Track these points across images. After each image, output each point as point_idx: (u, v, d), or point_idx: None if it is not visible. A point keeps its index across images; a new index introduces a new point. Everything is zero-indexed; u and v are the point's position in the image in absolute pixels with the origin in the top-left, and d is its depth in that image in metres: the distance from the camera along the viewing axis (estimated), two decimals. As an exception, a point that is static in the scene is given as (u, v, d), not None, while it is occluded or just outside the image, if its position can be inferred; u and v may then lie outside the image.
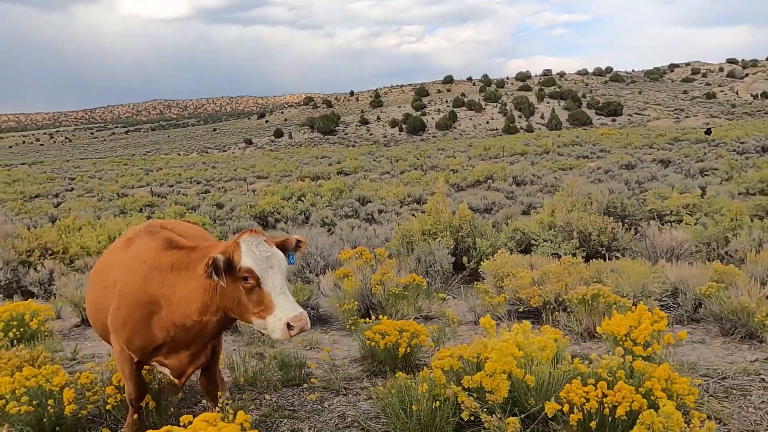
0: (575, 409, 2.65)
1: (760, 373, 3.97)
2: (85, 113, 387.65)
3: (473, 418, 2.93)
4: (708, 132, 41.73)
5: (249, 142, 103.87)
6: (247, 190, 30.81)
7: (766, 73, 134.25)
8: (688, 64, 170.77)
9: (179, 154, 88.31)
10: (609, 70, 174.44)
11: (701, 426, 2.44)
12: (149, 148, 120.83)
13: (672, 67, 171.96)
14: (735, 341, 4.79)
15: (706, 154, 30.94)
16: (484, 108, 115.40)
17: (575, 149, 40.38)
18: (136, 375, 3.09)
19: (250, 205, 20.22)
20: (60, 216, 20.69)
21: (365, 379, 4.16)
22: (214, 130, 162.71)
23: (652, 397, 2.80)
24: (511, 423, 2.68)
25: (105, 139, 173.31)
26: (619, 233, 10.32)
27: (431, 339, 4.48)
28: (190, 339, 2.89)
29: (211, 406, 3.21)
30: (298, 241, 2.91)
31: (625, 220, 12.38)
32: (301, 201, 21.45)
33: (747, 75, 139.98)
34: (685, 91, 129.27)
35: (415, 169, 34.42)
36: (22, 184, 38.29)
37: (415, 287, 6.04)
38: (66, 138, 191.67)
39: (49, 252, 11.32)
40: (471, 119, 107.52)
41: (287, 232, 15.90)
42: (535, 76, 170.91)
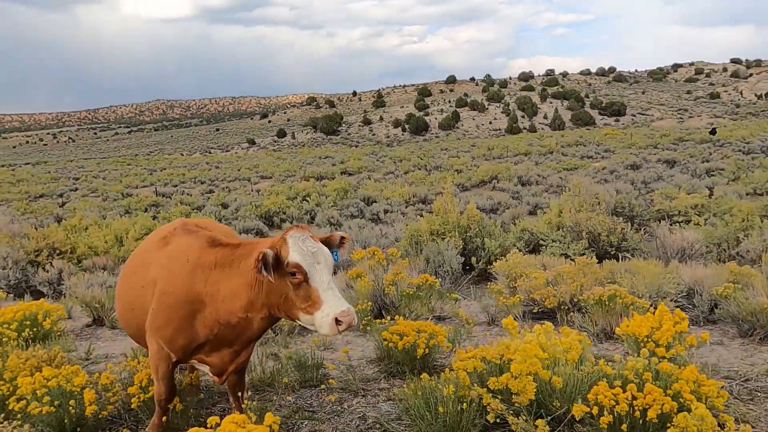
0: (605, 412, 2.62)
1: (783, 375, 3.93)
2: (89, 113, 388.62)
3: (498, 420, 2.91)
4: (713, 132, 41.56)
5: (252, 142, 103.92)
6: (252, 190, 30.80)
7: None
8: (691, 64, 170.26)
9: (182, 154, 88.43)
10: (612, 70, 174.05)
11: (737, 429, 2.41)
12: (152, 148, 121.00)
13: (675, 67, 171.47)
14: (754, 343, 4.75)
15: (711, 154, 30.81)
16: (487, 108, 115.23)
17: (579, 149, 40.28)
18: (170, 376, 3.06)
19: (255, 205, 20.21)
20: (65, 216, 20.71)
21: (383, 380, 4.14)
22: (217, 130, 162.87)
23: (681, 400, 2.77)
24: (540, 426, 2.65)
25: (108, 139, 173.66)
26: (628, 234, 10.29)
27: (447, 340, 4.45)
28: (233, 337, 2.87)
29: (234, 406, 3.19)
30: (342, 237, 2.89)
31: (633, 221, 12.34)
32: (306, 201, 21.44)
33: (751, 75, 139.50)
34: (688, 91, 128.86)
35: (419, 169, 34.38)
36: (27, 184, 38.37)
37: (428, 288, 6.01)
38: (69, 138, 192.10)
39: (57, 252, 11.33)
40: (474, 119, 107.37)
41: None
42: (538, 76, 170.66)
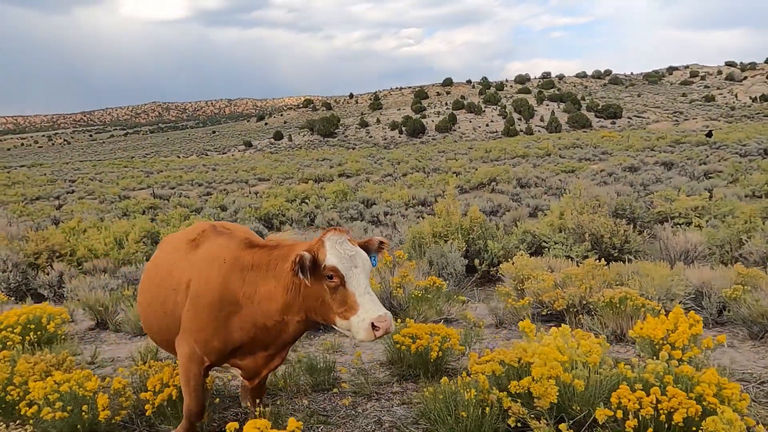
0: (630, 416, 2.60)
1: (797, 378, 3.91)
2: (84, 115, 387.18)
3: (519, 425, 2.87)
4: (709, 135, 41.75)
5: (249, 145, 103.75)
6: (249, 192, 30.72)
7: (765, 76, 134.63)
8: (686, 67, 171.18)
9: (179, 157, 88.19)
10: (608, 72, 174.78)
11: (767, 433, 2.38)
12: (148, 150, 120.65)
13: (671, 69, 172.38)
14: (765, 345, 4.73)
15: (708, 156, 30.94)
16: (484, 110, 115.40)
17: (576, 152, 40.38)
18: (201, 385, 2.97)
19: (254, 207, 20.15)
20: (62, 218, 20.58)
21: (395, 383, 4.10)
22: (213, 132, 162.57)
23: (704, 403, 2.74)
24: (563, 430, 2.62)
25: (104, 142, 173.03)
26: (631, 236, 10.29)
27: (459, 343, 4.42)
28: (268, 340, 2.82)
29: (251, 409, 3.14)
30: (380, 242, 2.85)
31: (635, 223, 12.34)
32: (305, 203, 21.39)
33: (746, 78, 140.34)
34: (684, 94, 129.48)
35: (417, 171, 34.37)
36: (23, 187, 38.12)
37: (435, 290, 5.98)
38: (64, 140, 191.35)
39: (57, 254, 11.24)
40: (471, 122, 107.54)
41: (295, 234, 15.82)
42: (534, 78, 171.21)
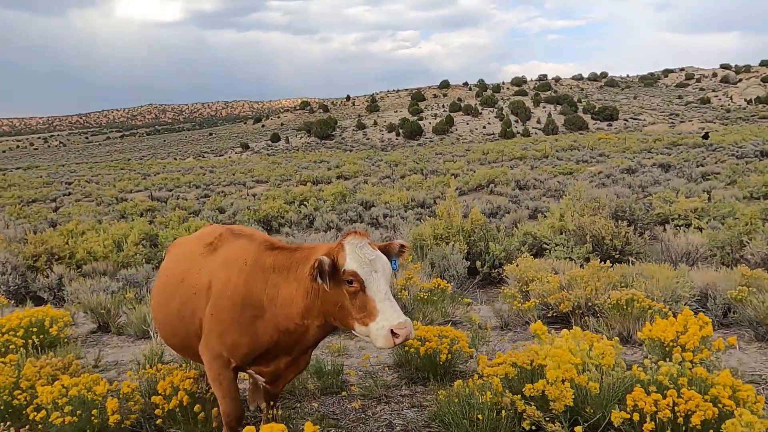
0: (647, 418, 2.58)
1: (806, 379, 3.91)
2: (80, 117, 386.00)
3: (533, 428, 2.86)
4: (706, 137, 41.92)
5: (246, 147, 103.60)
6: (247, 195, 30.65)
7: (760, 79, 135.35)
8: (682, 70, 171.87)
9: (176, 159, 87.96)
10: (604, 75, 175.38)
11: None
12: (145, 152, 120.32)
13: (666, 72, 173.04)
14: (772, 346, 4.73)
15: (705, 158, 31.05)
16: (481, 113, 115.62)
17: (574, 153, 40.45)
18: (234, 387, 2.90)
19: (253, 209, 20.09)
20: (60, 221, 20.47)
21: (404, 386, 4.08)
22: (210, 134, 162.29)
23: (720, 405, 2.73)
24: (579, 432, 2.60)
25: (100, 144, 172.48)
26: (632, 238, 10.30)
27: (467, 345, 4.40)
28: (290, 344, 2.78)
29: (264, 411, 3.10)
30: (401, 245, 2.77)
31: (635, 225, 12.36)
32: (304, 205, 21.36)
33: (740, 80, 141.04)
34: (679, 96, 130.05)
35: (415, 173, 34.37)
36: (19, 189, 37.92)
37: (440, 292, 5.97)
38: (60, 142, 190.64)
39: (56, 257, 11.18)
40: (468, 124, 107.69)
41: (293, 237, 15.77)
42: (531, 81, 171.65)
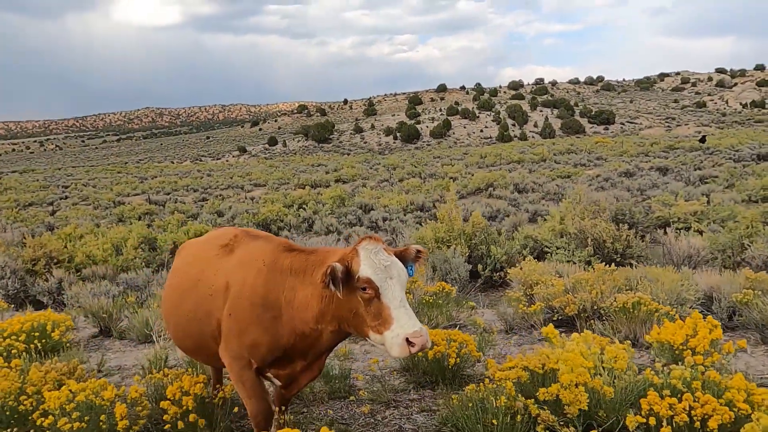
0: (663, 422, 2.56)
1: (815, 382, 3.90)
2: (76, 121, 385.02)
3: (547, 432, 2.84)
4: (702, 140, 42.10)
5: (243, 150, 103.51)
6: (245, 198, 30.58)
7: (755, 83, 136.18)
8: (677, 74, 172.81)
9: (173, 162, 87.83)
10: (600, 79, 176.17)
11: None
12: (142, 156, 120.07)
13: (662, 76, 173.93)
14: (779, 350, 4.72)
15: (702, 162, 31.16)
16: (478, 116, 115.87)
17: (571, 157, 40.54)
18: (259, 386, 2.85)
19: (252, 213, 20.05)
20: (57, 224, 20.38)
21: (412, 390, 4.05)
22: (207, 138, 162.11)
23: (735, 409, 2.71)
24: (595, 437, 2.58)
25: (97, 147, 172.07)
26: (633, 241, 10.31)
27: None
28: (305, 348, 2.75)
29: (276, 416, 3.07)
30: (418, 251, 2.72)
31: (636, 228, 12.38)
32: (303, 209, 21.31)
33: (736, 84, 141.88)
34: (675, 100, 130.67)
35: (414, 177, 34.37)
36: (15, 192, 37.74)
37: (444, 295, 5.95)
38: (57, 146, 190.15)
39: (55, 261, 11.11)
40: (465, 127, 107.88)
41: (292, 240, 15.75)
42: (528, 84, 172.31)
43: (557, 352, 3.17)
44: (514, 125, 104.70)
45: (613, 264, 8.93)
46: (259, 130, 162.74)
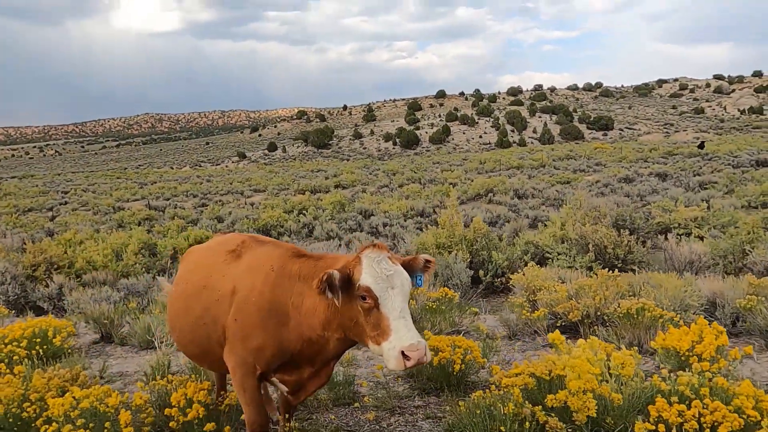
0: (673, 429, 2.55)
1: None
2: (76, 127, 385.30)
3: (555, 439, 2.82)
4: (701, 146, 42.20)
5: (242, 156, 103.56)
6: (245, 203, 30.57)
7: (752, 89, 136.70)
8: (675, 80, 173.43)
9: (172, 168, 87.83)
10: (599, 85, 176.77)
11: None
12: (141, 161, 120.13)
13: (660, 82, 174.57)
14: (784, 356, 4.71)
15: (701, 168, 31.22)
16: (477, 122, 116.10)
17: (570, 163, 40.60)
18: (259, 394, 2.86)
19: (252, 218, 20.03)
20: (57, 230, 20.34)
21: (416, 397, 4.03)
22: (207, 143, 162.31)
23: (744, 416, 2.70)
24: (604, 444, 2.57)
25: (96, 153, 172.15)
26: (634, 246, 10.31)
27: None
28: (313, 354, 2.74)
29: (281, 423, 3.05)
30: (426, 261, 2.66)
31: (636, 234, 12.37)
32: (303, 214, 21.30)
33: (733, 90, 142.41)
34: (673, 106, 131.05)
35: (413, 182, 34.39)
36: (14, 198, 37.70)
37: (447, 301, 5.93)
38: (56, 151, 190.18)
39: (55, 267, 11.08)
40: (464, 133, 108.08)
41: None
42: (527, 90, 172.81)
43: (564, 359, 3.16)
44: (513, 131, 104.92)
45: (616, 270, 8.94)
46: (259, 135, 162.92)
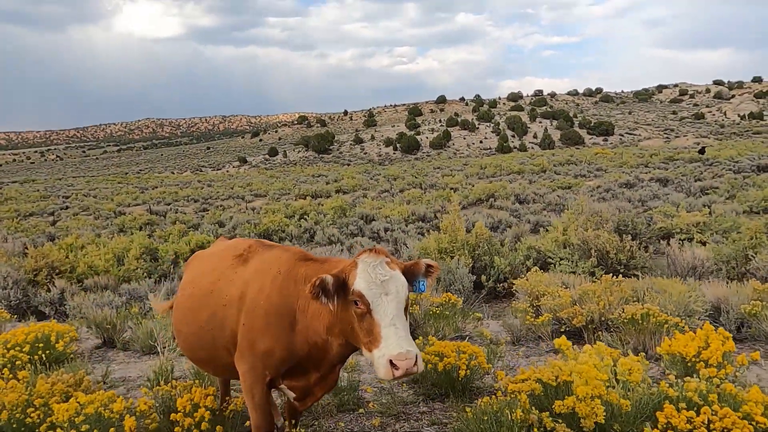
0: (682, 436, 2.53)
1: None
2: (77, 132, 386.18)
3: (562, 445, 2.80)
4: (702, 152, 42.22)
5: (243, 161, 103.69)
6: (246, 208, 30.56)
7: (752, 94, 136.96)
8: (675, 86, 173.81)
9: (173, 173, 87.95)
10: (599, 90, 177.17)
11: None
12: (142, 166, 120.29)
13: (660, 88, 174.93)
14: (789, 361, 4.69)
15: (702, 173, 31.22)
16: (478, 127, 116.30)
17: (571, 168, 40.61)
18: (267, 400, 2.85)
19: (253, 223, 20.02)
20: (58, 234, 20.33)
21: (421, 403, 4.01)
22: (208, 148, 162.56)
23: (753, 422, 2.68)
24: (613, 451, 2.55)
25: (97, 158, 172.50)
26: (636, 252, 10.29)
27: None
28: (319, 358, 2.73)
29: (287, 429, 3.04)
30: (428, 266, 2.61)
31: (638, 239, 12.36)
32: (305, 219, 21.29)
33: (733, 96, 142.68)
34: (674, 112, 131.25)
35: (414, 187, 34.40)
36: (15, 203, 37.72)
37: (451, 306, 5.91)
38: (57, 156, 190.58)
39: (57, 271, 11.07)
40: (465, 138, 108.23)
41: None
42: (527, 96, 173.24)
43: (570, 364, 3.14)
44: (513, 136, 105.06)
45: (620, 275, 8.93)
46: (260, 140, 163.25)
